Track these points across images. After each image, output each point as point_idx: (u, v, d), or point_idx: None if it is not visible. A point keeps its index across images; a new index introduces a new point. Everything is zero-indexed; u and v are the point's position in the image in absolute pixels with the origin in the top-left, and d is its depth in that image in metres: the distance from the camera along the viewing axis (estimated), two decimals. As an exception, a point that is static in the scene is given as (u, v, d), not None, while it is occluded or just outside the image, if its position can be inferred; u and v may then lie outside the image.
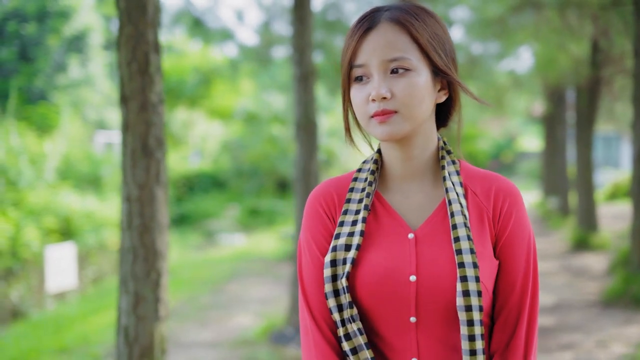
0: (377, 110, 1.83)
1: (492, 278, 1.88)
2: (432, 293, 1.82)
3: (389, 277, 1.85)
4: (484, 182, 1.95)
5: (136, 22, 3.84)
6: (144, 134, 3.88)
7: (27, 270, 11.50)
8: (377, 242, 1.91)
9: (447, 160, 1.96)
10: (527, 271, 1.90)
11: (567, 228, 16.78)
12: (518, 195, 1.94)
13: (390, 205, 1.96)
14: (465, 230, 1.83)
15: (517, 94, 22.45)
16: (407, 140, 1.92)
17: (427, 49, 1.85)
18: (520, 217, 1.92)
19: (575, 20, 12.04)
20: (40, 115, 24.62)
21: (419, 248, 1.88)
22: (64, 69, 29.65)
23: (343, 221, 1.93)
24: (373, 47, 1.84)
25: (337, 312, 1.86)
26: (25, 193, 13.46)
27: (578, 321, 8.44)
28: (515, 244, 1.90)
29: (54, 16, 29.72)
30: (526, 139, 48.11)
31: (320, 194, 2.01)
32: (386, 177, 2.00)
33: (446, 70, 1.88)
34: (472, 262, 1.79)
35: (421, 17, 1.88)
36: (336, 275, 1.86)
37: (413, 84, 1.83)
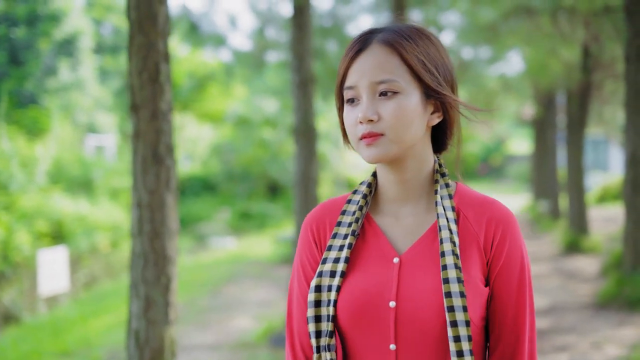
0: (364, 132, 1.81)
1: (482, 307, 1.82)
2: (412, 320, 1.78)
3: (369, 301, 1.82)
4: (477, 208, 1.89)
5: (147, 32, 3.91)
6: (155, 142, 3.96)
7: (19, 274, 11.51)
8: (361, 266, 1.87)
9: (441, 183, 1.92)
10: (521, 302, 1.85)
11: (558, 231, 16.90)
12: (512, 222, 1.87)
13: (380, 228, 1.92)
14: (453, 258, 1.78)
15: (507, 98, 22.57)
16: (399, 163, 1.88)
17: (418, 70, 1.82)
18: (514, 245, 1.85)
19: (566, 26, 12.16)
20: (31, 118, 24.59)
21: (402, 273, 1.84)
22: (55, 72, 29.62)
23: (331, 245, 1.91)
24: (362, 69, 1.83)
25: (315, 337, 1.84)
26: (17, 197, 13.47)
27: (572, 323, 8.54)
28: (509, 274, 1.84)
29: (44, 20, 29.67)
30: (515, 142, 48.26)
31: (312, 219, 1.99)
32: (380, 199, 1.96)
33: (439, 90, 1.84)
34: (459, 291, 1.73)
35: (413, 38, 1.85)
36: (320, 301, 1.84)
37: (401, 107, 1.80)
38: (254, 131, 24.46)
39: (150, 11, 3.91)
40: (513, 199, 29.51)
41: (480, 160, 46.62)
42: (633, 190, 9.39)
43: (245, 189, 24.63)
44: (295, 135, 7.95)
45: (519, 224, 1.90)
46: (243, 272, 13.76)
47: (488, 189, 36.64)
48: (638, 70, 9.24)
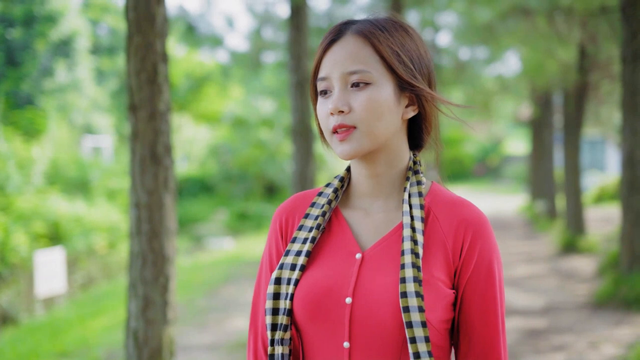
0: (335, 124, 1.76)
1: (444, 310, 1.75)
2: (367, 318, 1.72)
3: (325, 297, 1.77)
4: (449, 209, 1.82)
5: (145, 33, 3.92)
6: (153, 142, 3.97)
7: (16, 275, 11.50)
8: (322, 260, 1.83)
9: (412, 180, 1.85)
10: (492, 309, 1.78)
11: (555, 231, 16.93)
12: (484, 226, 1.80)
13: (348, 223, 1.88)
14: (412, 257, 1.71)
15: (504, 98, 22.61)
16: (372, 157, 1.83)
17: (391, 62, 1.77)
18: (485, 250, 1.78)
19: (563, 26, 12.19)
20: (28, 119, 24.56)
21: (362, 269, 1.78)
22: (51, 73, 29.62)
23: (296, 237, 1.87)
24: (335, 60, 1.78)
25: (271, 330, 1.80)
26: (14, 198, 13.47)
27: (569, 323, 8.56)
28: (479, 279, 1.77)
29: (40, 21, 29.67)
30: (512, 142, 48.32)
31: (282, 211, 1.96)
32: (352, 194, 1.92)
33: (413, 83, 1.79)
34: (414, 291, 1.67)
35: (388, 29, 1.80)
36: (279, 294, 1.81)
37: (373, 98, 1.75)
38: (251, 132, 24.49)
39: (148, 12, 3.92)
40: (510, 200, 29.55)
41: (477, 161, 46.67)
42: (629, 191, 9.42)
43: (243, 189, 24.64)
44: (293, 136, 7.98)
45: (490, 225, 1.83)
46: (241, 272, 13.77)
47: (485, 190, 36.71)
48: (634, 70, 9.27)
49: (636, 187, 9.39)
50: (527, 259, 13.92)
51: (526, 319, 8.84)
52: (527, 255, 14.41)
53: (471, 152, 46.35)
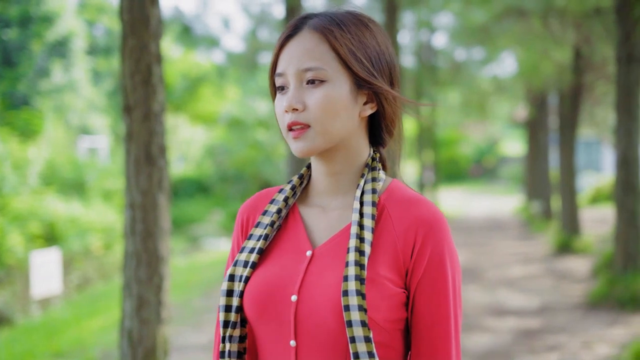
0: (289, 122, 1.73)
1: (392, 310, 1.69)
2: (311, 316, 1.69)
3: (273, 294, 1.74)
4: (403, 207, 1.76)
5: (139, 34, 3.94)
6: (147, 143, 3.99)
7: (11, 276, 11.50)
8: (274, 257, 1.81)
9: (367, 177, 1.81)
10: (444, 312, 1.72)
11: (550, 232, 16.97)
12: (439, 227, 1.73)
13: (304, 220, 1.85)
14: (356, 255, 1.66)
15: (500, 99, 22.66)
16: (329, 155, 1.80)
17: (347, 59, 1.72)
18: (438, 250, 1.71)
19: (558, 28, 12.23)
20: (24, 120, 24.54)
21: (310, 267, 1.75)
22: (47, 74, 29.61)
23: (252, 234, 1.84)
24: (291, 56, 1.75)
25: (223, 327, 1.78)
26: (9, 198, 13.46)
27: (563, 323, 8.59)
28: (430, 281, 1.71)
29: (37, 21, 29.66)
30: (508, 143, 48.39)
31: (245, 209, 1.93)
32: (311, 191, 1.88)
33: (370, 80, 1.74)
34: (355, 289, 1.62)
35: (347, 24, 1.75)
36: (232, 291, 1.78)
37: (327, 96, 1.71)
38: (247, 132, 24.50)
39: (143, 14, 3.94)
40: (506, 201, 29.59)
41: (473, 162, 46.73)
42: (624, 191, 9.47)
43: (239, 190, 24.63)
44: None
45: (448, 226, 1.76)
46: (236, 273, 13.77)
47: (481, 191, 36.76)
48: (629, 72, 9.32)
49: (630, 187, 9.44)
50: (522, 259, 13.96)
51: (521, 319, 8.87)
52: (522, 255, 14.45)
53: (467, 153, 46.41)
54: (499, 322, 8.73)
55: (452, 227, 20.74)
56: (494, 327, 8.50)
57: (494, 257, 14.38)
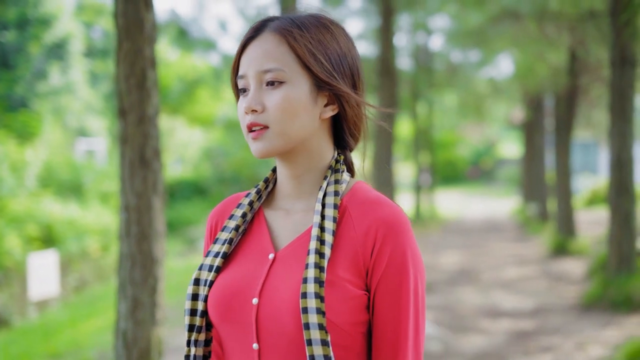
0: (248, 123, 1.74)
1: (353, 312, 1.68)
2: (272, 319, 1.68)
3: (235, 297, 1.74)
4: (364, 209, 1.75)
5: (134, 39, 3.99)
6: (142, 146, 4.03)
7: (9, 278, 11.52)
8: (238, 261, 1.81)
9: (329, 179, 1.79)
10: (404, 314, 1.70)
11: (546, 234, 17.02)
12: (399, 228, 1.71)
13: (269, 224, 1.85)
14: (316, 257, 1.65)
15: (497, 101, 22.71)
16: (291, 157, 1.80)
17: (306, 60, 1.72)
18: (398, 251, 1.70)
19: (552, 30, 12.28)
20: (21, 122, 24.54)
21: (272, 270, 1.75)
22: (45, 76, 29.62)
23: (218, 238, 1.84)
24: (251, 58, 1.76)
25: (188, 331, 1.79)
26: (7, 201, 13.50)
27: (557, 324, 8.63)
28: (389, 282, 1.69)
29: (34, 23, 29.69)
30: (506, 145, 48.45)
31: (214, 214, 1.95)
32: (276, 194, 1.89)
33: (329, 82, 1.74)
34: (314, 292, 1.61)
35: (307, 26, 1.76)
36: (197, 295, 1.79)
37: (286, 97, 1.71)
38: (244, 134, 24.54)
39: (137, 18, 3.98)
40: (503, 203, 29.64)
41: (470, 164, 46.77)
42: (617, 193, 9.53)
43: (236, 192, 24.56)
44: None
45: (409, 227, 1.74)
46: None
47: (478, 193, 36.79)
48: (622, 74, 9.37)
49: (624, 189, 9.50)
50: (518, 261, 14.00)
51: (515, 320, 8.92)
52: (517, 257, 14.49)
53: (465, 155, 46.46)
54: (493, 324, 8.78)
55: (449, 229, 20.79)
56: (488, 329, 8.54)
57: (489, 259, 14.42)
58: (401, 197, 26.27)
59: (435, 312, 9.43)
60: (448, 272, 12.87)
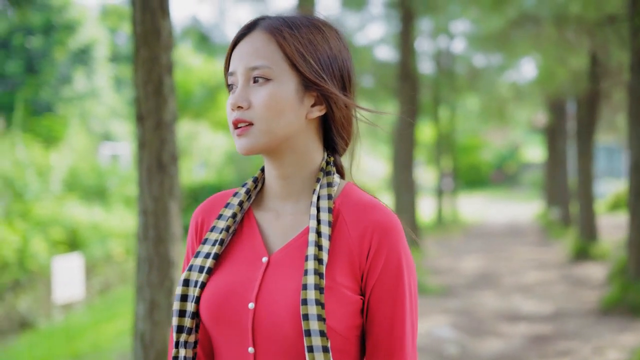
0: (234, 119, 1.74)
1: (350, 317, 1.70)
2: (269, 324, 1.68)
3: (229, 300, 1.73)
4: (358, 212, 1.75)
5: (151, 46, 4.08)
6: (159, 151, 4.12)
7: (34, 282, 11.63)
8: (230, 263, 1.79)
9: (322, 182, 1.79)
10: (399, 318, 1.72)
11: (568, 238, 16.98)
12: (393, 231, 1.72)
13: (259, 225, 1.84)
14: (315, 263, 1.65)
15: (520, 105, 22.67)
16: (278, 157, 1.79)
17: (294, 58, 1.72)
18: (393, 255, 1.71)
19: (572, 35, 12.28)
20: (46, 127, 24.81)
21: (267, 274, 1.74)
22: (70, 81, 29.90)
23: (207, 239, 1.82)
24: (241, 55, 1.76)
25: (177, 332, 1.76)
26: (32, 205, 13.64)
27: (575, 329, 8.65)
28: (385, 287, 1.71)
29: (59, 29, 29.99)
30: (530, 149, 48.24)
31: (199, 213, 1.92)
32: (265, 195, 1.87)
33: (316, 81, 1.73)
34: (315, 299, 1.61)
35: (298, 26, 1.76)
36: (187, 296, 1.77)
37: (271, 95, 1.71)
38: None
39: (154, 26, 4.07)
40: (526, 207, 29.55)
41: (494, 168, 46.64)
42: (636, 197, 9.51)
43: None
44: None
45: (403, 231, 1.76)
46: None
47: (502, 197, 36.68)
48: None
49: (643, 194, 9.48)
50: (538, 265, 14.00)
51: (533, 325, 8.94)
52: (538, 262, 14.48)
53: (488, 159, 46.34)
54: (512, 328, 8.80)
55: (470, 233, 20.77)
56: (506, 333, 8.57)
57: (510, 263, 14.42)
58: (423, 201, 26.29)
59: (454, 316, 9.47)
60: (468, 276, 12.89)
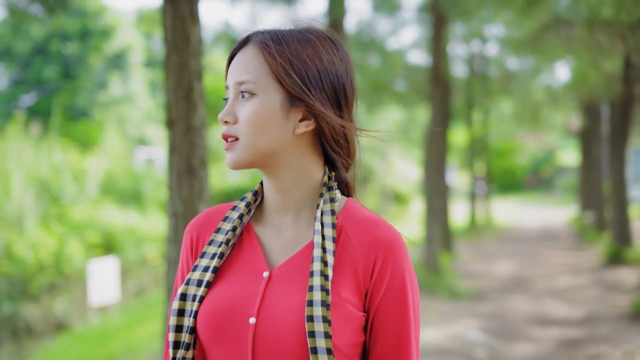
0: (222, 134, 1.74)
1: (353, 334, 1.68)
2: (271, 340, 1.64)
3: (229, 315, 1.69)
4: (361, 228, 1.73)
5: (181, 52, 4.16)
6: (189, 155, 4.20)
7: (70, 285, 11.78)
8: (229, 277, 1.75)
9: (325, 197, 1.76)
10: (404, 335, 1.70)
11: (602, 243, 16.88)
12: (398, 248, 1.71)
13: (259, 239, 1.80)
14: (321, 279, 1.62)
15: (554, 109, 22.56)
16: (273, 172, 1.76)
17: (277, 72, 1.70)
18: (398, 272, 1.70)
19: (605, 39, 12.22)
20: (83, 132, 25.13)
21: (268, 289, 1.70)
22: (106, 86, 30.24)
23: (205, 252, 1.78)
24: (232, 69, 1.76)
25: (173, 348, 1.72)
26: (68, 208, 13.83)
27: (606, 333, 8.62)
28: (390, 304, 1.69)
29: (95, 35, 30.34)
30: (565, 153, 47.88)
31: (194, 227, 1.88)
32: (265, 209, 1.84)
33: (300, 96, 1.70)
34: (322, 315, 1.58)
35: (288, 40, 1.73)
36: (184, 310, 1.72)
37: (254, 110, 1.70)
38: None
39: (184, 33, 4.16)
40: (561, 211, 29.36)
41: (529, 172, 46.36)
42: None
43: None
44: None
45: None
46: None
47: (536, 201, 36.47)
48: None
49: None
50: (571, 270, 13.93)
51: (564, 329, 8.92)
52: (571, 266, 14.42)
53: (523, 163, 46.09)
54: (542, 332, 8.79)
55: (504, 237, 20.70)
56: (536, 337, 8.56)
57: (543, 268, 14.37)
58: (456, 205, 26.23)
59: (485, 320, 9.47)
60: (500, 280, 12.87)
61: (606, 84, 14.39)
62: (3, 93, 30.62)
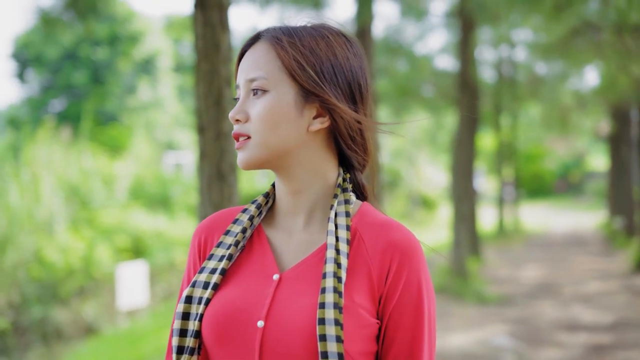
0: (233, 133, 1.69)
1: (364, 340, 1.60)
2: (279, 343, 1.57)
3: (236, 318, 1.62)
4: (376, 231, 1.67)
5: (211, 59, 4.21)
6: (218, 161, 4.25)
7: (99, 288, 11.87)
8: (238, 280, 1.69)
9: (339, 199, 1.70)
10: (418, 341, 1.63)
11: (631, 248, 16.76)
12: (414, 252, 1.64)
13: (270, 241, 1.74)
14: (334, 281, 1.56)
15: (583, 114, 22.44)
16: (285, 172, 1.71)
17: (291, 66, 1.64)
18: (413, 276, 1.63)
19: (633, 43, 12.17)
20: (112, 136, 25.29)
21: (278, 291, 1.64)
22: (134, 91, 30.44)
23: (213, 254, 1.72)
24: (243, 67, 1.70)
25: (177, 353, 1.65)
26: (98, 213, 13.93)
27: (635, 339, 8.58)
28: (405, 309, 1.62)
29: (124, 40, 30.56)
30: (595, 158, 47.56)
31: (202, 229, 1.82)
32: (276, 211, 1.78)
33: (315, 91, 1.64)
34: (334, 318, 1.51)
35: (301, 36, 1.67)
36: (188, 314, 1.66)
37: (267, 107, 1.64)
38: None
39: (214, 40, 4.21)
40: (590, 216, 29.18)
41: (558, 177, 46.10)
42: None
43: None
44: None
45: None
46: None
47: (566, 206, 36.24)
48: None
49: None
50: (600, 275, 13.86)
51: (592, 334, 8.89)
52: (600, 272, 14.34)
53: (552, 168, 45.83)
54: (570, 337, 8.76)
55: (532, 242, 20.61)
56: (564, 342, 8.54)
57: (571, 273, 14.31)
58: (484, 210, 26.14)
59: (512, 325, 9.46)
60: (528, 285, 12.83)
61: (635, 88, 14.32)
62: (33, 98, 30.94)
